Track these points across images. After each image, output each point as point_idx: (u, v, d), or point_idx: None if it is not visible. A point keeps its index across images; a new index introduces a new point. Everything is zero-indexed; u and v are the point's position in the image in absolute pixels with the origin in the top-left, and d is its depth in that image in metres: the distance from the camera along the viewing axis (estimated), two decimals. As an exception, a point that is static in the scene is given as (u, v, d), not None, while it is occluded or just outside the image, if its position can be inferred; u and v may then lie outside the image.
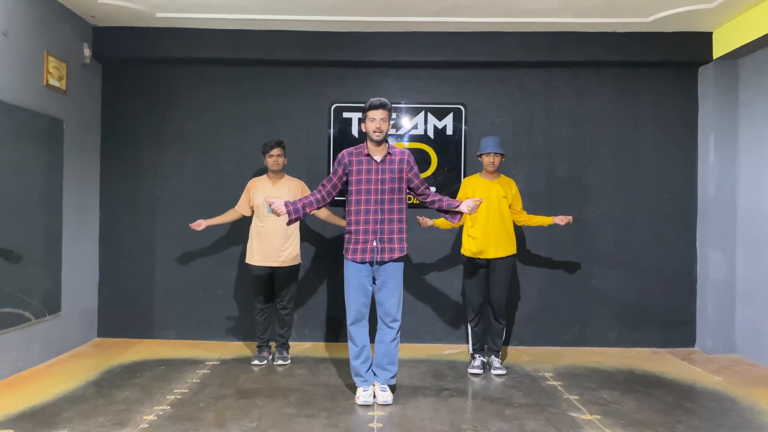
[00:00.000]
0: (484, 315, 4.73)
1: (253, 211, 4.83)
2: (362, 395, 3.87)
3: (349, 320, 3.92)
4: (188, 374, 4.48)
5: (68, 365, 4.69)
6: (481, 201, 4.01)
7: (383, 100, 3.86)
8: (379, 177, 3.82)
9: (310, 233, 5.51)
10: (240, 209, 4.87)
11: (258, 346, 4.91)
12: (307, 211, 3.86)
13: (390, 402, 3.86)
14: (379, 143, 3.85)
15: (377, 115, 3.81)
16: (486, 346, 4.80)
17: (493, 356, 4.71)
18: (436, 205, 4.01)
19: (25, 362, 4.47)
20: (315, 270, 5.57)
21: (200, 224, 4.79)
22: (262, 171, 5.08)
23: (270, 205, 3.84)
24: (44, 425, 3.40)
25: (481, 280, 4.65)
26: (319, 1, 4.78)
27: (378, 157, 3.85)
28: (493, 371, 4.62)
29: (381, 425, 3.49)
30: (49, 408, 3.70)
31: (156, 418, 3.55)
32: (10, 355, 4.29)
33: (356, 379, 3.97)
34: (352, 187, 3.85)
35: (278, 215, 3.83)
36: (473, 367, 4.64)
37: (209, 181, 5.60)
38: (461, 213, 3.98)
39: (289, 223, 3.87)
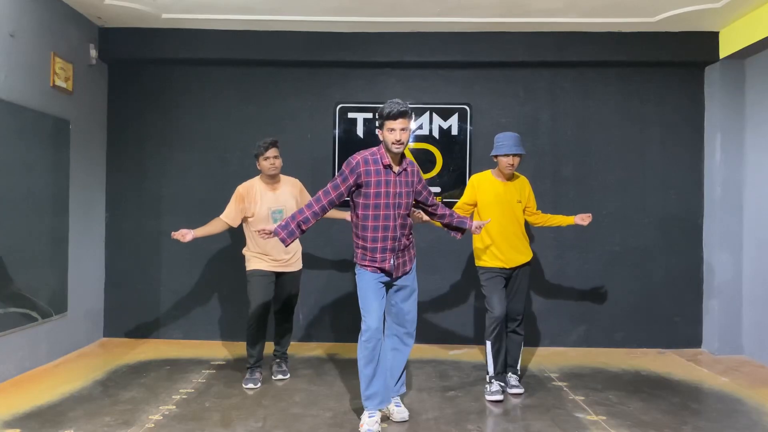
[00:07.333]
0: (502, 330, 4.09)
1: (244, 219, 4.34)
2: (367, 422, 3.36)
3: (368, 330, 3.38)
4: (194, 374, 4.49)
5: (74, 365, 4.71)
6: (487, 221, 3.85)
7: (403, 106, 3.35)
8: (397, 190, 3.43)
9: (312, 234, 5.48)
10: (229, 220, 4.27)
11: (249, 367, 4.32)
12: (303, 228, 3.41)
13: (407, 418, 3.56)
14: (398, 154, 3.43)
15: (397, 124, 3.33)
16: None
17: (510, 373, 4.17)
18: (446, 220, 3.73)
19: (32, 362, 4.49)
20: (320, 271, 5.57)
21: (186, 235, 4.04)
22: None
23: (259, 233, 3.48)
24: (50, 424, 3.42)
25: (503, 290, 4.09)
26: (324, 1, 4.79)
27: (397, 169, 3.44)
28: (509, 390, 4.08)
29: (386, 426, 3.49)
30: (55, 407, 3.71)
31: (162, 417, 3.56)
32: (16, 355, 4.31)
33: (369, 403, 3.42)
34: (370, 201, 3.40)
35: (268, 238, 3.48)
36: (492, 393, 3.97)
37: (215, 181, 5.60)
38: (465, 230, 3.78)
39: (287, 245, 3.50)
